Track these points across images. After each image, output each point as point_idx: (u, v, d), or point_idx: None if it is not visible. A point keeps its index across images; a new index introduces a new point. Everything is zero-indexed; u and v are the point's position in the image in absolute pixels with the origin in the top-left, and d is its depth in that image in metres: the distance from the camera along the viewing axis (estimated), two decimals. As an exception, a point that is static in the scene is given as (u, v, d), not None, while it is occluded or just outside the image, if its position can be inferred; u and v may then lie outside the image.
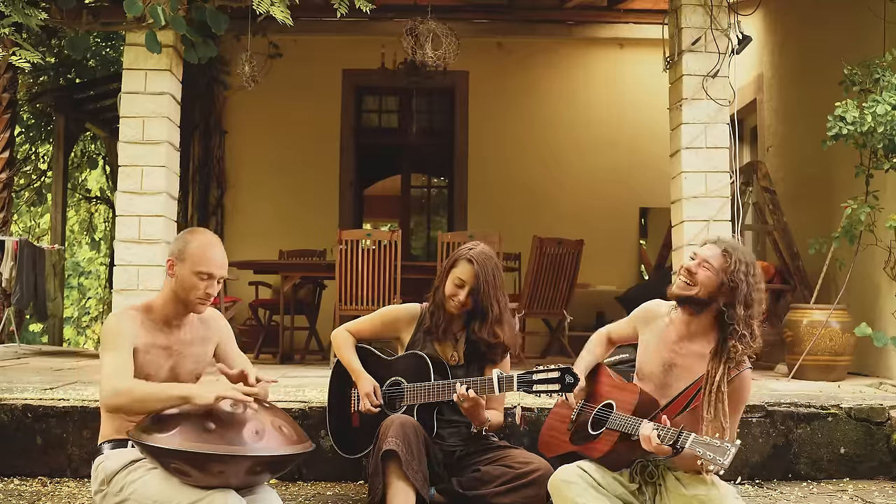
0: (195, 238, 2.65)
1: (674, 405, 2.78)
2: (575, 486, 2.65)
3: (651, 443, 2.55)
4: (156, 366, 2.64)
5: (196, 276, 2.59)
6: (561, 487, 2.68)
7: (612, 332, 3.15)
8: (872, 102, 4.36)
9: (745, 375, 2.74)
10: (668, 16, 5.12)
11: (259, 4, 4.33)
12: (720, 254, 2.71)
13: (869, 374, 5.28)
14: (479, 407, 3.01)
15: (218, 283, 2.65)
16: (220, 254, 2.65)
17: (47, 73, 8.94)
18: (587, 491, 2.66)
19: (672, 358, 2.83)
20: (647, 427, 2.59)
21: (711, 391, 2.67)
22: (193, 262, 2.60)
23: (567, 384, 2.84)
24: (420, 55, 5.96)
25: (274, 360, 6.53)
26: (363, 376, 3.22)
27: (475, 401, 2.97)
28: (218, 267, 2.63)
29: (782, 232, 6.04)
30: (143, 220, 4.60)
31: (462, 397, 2.96)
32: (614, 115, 8.93)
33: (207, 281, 2.61)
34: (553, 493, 2.72)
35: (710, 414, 2.65)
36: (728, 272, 2.67)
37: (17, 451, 3.65)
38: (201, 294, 2.62)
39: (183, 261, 2.61)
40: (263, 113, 8.69)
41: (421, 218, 11.41)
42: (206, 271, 2.60)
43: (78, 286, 13.45)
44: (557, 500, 2.70)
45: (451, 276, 3.16)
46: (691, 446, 2.45)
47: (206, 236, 2.68)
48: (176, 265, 2.63)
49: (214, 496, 2.32)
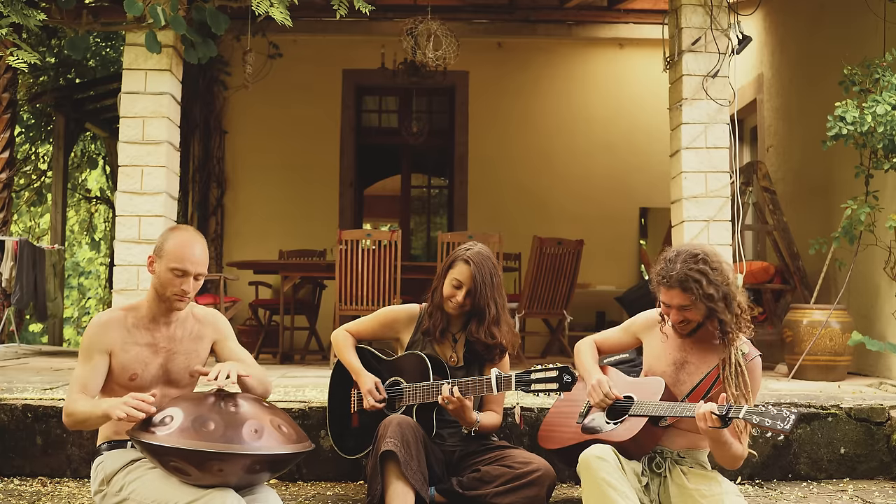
0: (174, 235, 2.66)
1: (694, 395, 2.85)
2: (606, 465, 2.65)
3: (707, 420, 2.58)
4: (141, 364, 2.65)
5: (171, 273, 2.60)
6: (592, 463, 2.66)
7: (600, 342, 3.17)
8: (872, 102, 4.36)
9: (756, 363, 2.84)
10: (668, 16, 5.12)
11: (258, 5, 4.33)
12: (682, 293, 2.75)
13: (869, 374, 5.28)
14: (464, 408, 3.00)
15: (196, 280, 2.63)
16: (199, 251, 2.63)
17: (47, 73, 8.94)
18: (617, 471, 2.66)
19: (683, 357, 2.89)
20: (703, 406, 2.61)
21: (730, 372, 2.76)
22: (169, 258, 2.60)
23: (565, 383, 2.84)
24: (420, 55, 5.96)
25: (274, 360, 6.53)
26: (364, 374, 3.22)
27: (460, 402, 2.97)
28: (193, 264, 2.61)
29: (782, 232, 6.04)
30: (143, 220, 4.60)
31: (447, 399, 2.96)
32: (614, 115, 8.93)
33: (182, 278, 2.60)
34: (583, 468, 2.69)
35: (738, 390, 2.74)
36: (702, 297, 2.73)
37: (17, 451, 3.65)
38: (177, 290, 2.61)
39: (161, 257, 2.63)
40: (263, 113, 8.69)
41: (421, 218, 11.41)
42: (181, 268, 2.59)
43: (78, 286, 13.46)
44: (586, 476, 2.67)
45: (448, 277, 3.17)
46: (746, 416, 2.52)
47: (185, 233, 2.67)
48: (155, 262, 2.65)
49: (213, 495, 2.32)
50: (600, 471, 2.63)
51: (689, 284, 2.72)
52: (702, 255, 2.77)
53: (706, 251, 2.80)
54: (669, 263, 2.79)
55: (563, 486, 3.61)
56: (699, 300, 2.73)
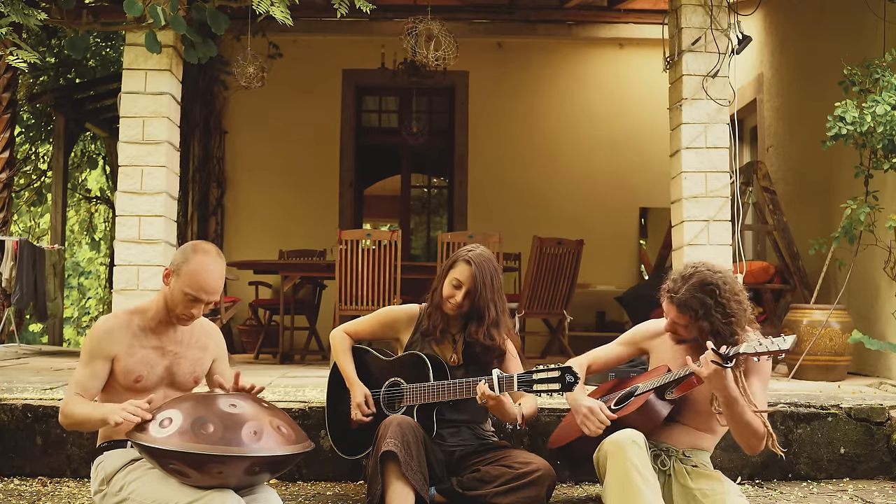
0: (196, 258, 2.61)
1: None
2: (639, 451, 2.65)
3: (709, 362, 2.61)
4: (147, 366, 2.66)
5: (184, 296, 2.60)
6: (625, 445, 2.65)
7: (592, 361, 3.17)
8: (872, 102, 4.36)
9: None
10: (668, 16, 5.12)
11: (259, 4, 4.32)
12: (678, 313, 2.80)
13: (869, 374, 5.28)
14: (502, 404, 2.97)
15: (207, 306, 2.64)
16: (216, 280, 2.61)
17: (47, 73, 8.94)
18: (647, 459, 2.67)
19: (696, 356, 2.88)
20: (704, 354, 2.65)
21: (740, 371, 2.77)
22: (185, 281, 2.59)
23: (567, 383, 2.84)
24: (420, 55, 5.96)
25: (274, 360, 6.53)
26: (356, 385, 3.21)
27: (497, 399, 2.94)
28: (207, 293, 2.60)
29: (782, 232, 6.04)
30: (143, 220, 4.60)
31: (485, 397, 2.92)
32: (614, 114, 8.93)
33: (194, 303, 2.61)
34: (612, 450, 2.67)
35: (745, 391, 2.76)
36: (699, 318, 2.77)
37: (17, 451, 3.65)
38: (186, 313, 2.63)
39: (178, 276, 2.61)
40: (263, 113, 8.69)
41: (421, 218, 11.42)
42: (195, 295, 2.59)
43: (78, 286, 13.46)
44: (615, 458, 2.65)
45: (448, 276, 3.16)
46: (746, 349, 2.60)
47: (208, 259, 2.62)
48: (172, 277, 2.64)
49: (213, 496, 2.32)
50: (633, 456, 2.63)
51: (687, 310, 2.78)
52: (713, 287, 2.77)
53: (722, 281, 2.79)
54: (680, 280, 2.82)
55: (563, 486, 3.61)
56: (691, 326, 2.80)
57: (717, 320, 2.74)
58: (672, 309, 2.82)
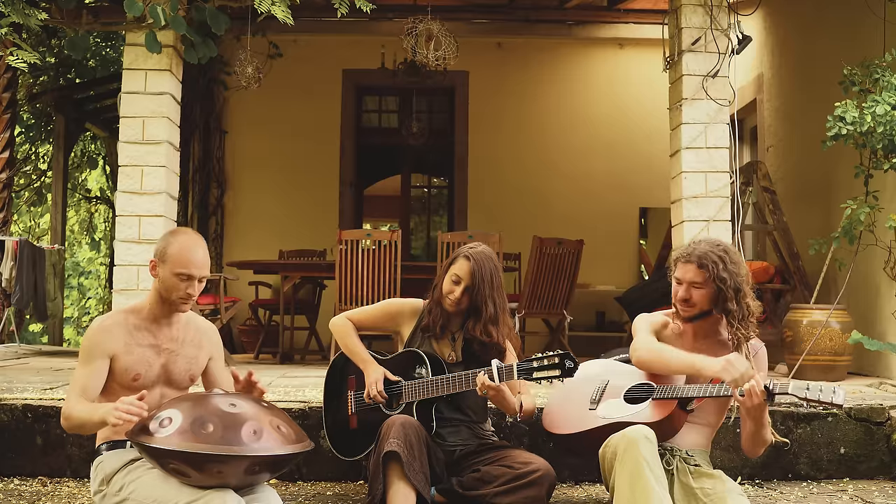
0: (176, 239, 2.68)
1: None
2: (651, 446, 2.65)
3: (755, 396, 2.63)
4: (145, 364, 2.67)
5: (176, 278, 2.63)
6: (639, 441, 2.64)
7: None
8: (872, 102, 4.36)
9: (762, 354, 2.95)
10: (668, 16, 5.12)
11: (260, 4, 4.32)
12: (698, 269, 2.86)
13: (869, 374, 5.28)
14: (502, 394, 2.98)
15: (200, 283, 2.67)
16: (202, 254, 2.67)
17: (47, 73, 8.94)
18: (656, 455, 2.67)
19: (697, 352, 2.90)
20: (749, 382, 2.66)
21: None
22: (174, 263, 2.63)
23: (568, 369, 2.86)
24: (420, 55, 5.96)
25: (274, 360, 6.53)
26: (370, 363, 3.21)
27: (498, 389, 2.95)
28: (198, 268, 2.65)
29: (782, 232, 6.03)
30: (143, 220, 4.60)
31: (485, 388, 2.93)
32: (614, 114, 8.93)
33: (187, 282, 2.64)
34: (624, 445, 2.66)
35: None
36: (715, 280, 2.84)
37: (17, 451, 3.65)
38: (182, 294, 2.65)
39: (164, 262, 2.65)
40: (263, 113, 8.69)
41: (421, 218, 11.42)
42: (186, 273, 2.63)
43: (78, 286, 13.46)
44: (627, 454, 2.64)
45: (449, 272, 3.18)
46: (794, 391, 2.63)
47: (188, 237, 2.69)
48: (158, 266, 2.67)
49: (213, 495, 2.32)
50: (646, 452, 2.63)
51: (706, 262, 2.84)
52: (724, 246, 2.93)
53: (729, 247, 2.96)
54: (693, 244, 2.94)
55: (563, 486, 3.61)
56: (711, 280, 2.84)
57: (732, 275, 2.82)
58: (690, 268, 2.86)
